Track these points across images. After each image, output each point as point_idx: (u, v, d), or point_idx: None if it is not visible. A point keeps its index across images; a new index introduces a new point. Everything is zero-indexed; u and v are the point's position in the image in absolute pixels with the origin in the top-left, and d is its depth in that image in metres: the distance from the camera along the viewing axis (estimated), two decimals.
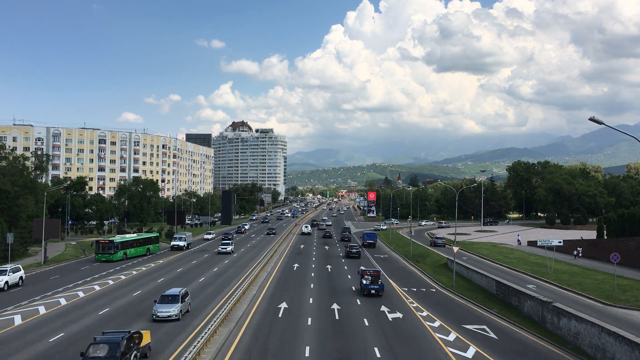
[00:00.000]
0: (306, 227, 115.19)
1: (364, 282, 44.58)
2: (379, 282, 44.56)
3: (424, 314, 37.09)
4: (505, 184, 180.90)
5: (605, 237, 71.85)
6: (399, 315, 35.92)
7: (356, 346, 28.04)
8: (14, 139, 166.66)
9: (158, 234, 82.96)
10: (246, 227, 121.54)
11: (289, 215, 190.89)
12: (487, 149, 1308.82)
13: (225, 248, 72.24)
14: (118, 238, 68.53)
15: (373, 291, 43.54)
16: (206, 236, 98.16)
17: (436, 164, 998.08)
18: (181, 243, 78.16)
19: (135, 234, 77.52)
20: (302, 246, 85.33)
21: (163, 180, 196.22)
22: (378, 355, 26.55)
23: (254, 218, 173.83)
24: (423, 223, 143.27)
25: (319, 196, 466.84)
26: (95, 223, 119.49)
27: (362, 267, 49.74)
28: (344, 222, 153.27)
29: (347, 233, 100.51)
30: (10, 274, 45.42)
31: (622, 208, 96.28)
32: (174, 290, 34.50)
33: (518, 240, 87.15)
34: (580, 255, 66.57)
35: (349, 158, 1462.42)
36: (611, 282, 44.77)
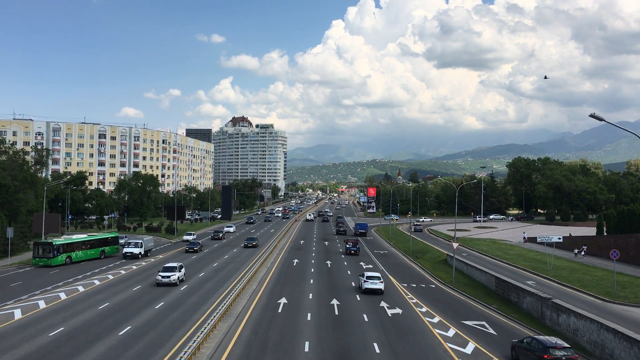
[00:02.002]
0: (310, 215, 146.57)
1: (347, 246, 70.32)
2: (357, 246, 70.30)
3: (424, 309, 37.16)
4: (505, 181, 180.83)
5: (605, 234, 71.92)
6: (398, 311, 35.99)
7: (355, 341, 28.10)
8: (14, 134, 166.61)
9: (117, 234, 72.36)
10: (230, 230, 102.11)
11: (280, 215, 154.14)
12: (487, 145, 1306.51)
13: (168, 277, 43.92)
14: (60, 239, 59.58)
15: (352, 251, 68.50)
16: (186, 237, 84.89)
17: (436, 160, 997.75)
18: (135, 250, 63.22)
19: (86, 235, 66.19)
20: (302, 242, 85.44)
21: (163, 176, 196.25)
22: (377, 350, 26.61)
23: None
24: (480, 219, 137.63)
25: (318, 192, 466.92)
26: (95, 218, 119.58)
27: (347, 238, 75.98)
28: (344, 216, 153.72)
29: (341, 219, 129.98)
30: None
31: (622, 205, 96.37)
32: None
33: (524, 237, 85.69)
34: (584, 254, 64.68)
35: (349, 154, 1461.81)
36: (610, 279, 44.84)
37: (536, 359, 24.14)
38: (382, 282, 42.81)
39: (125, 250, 64.13)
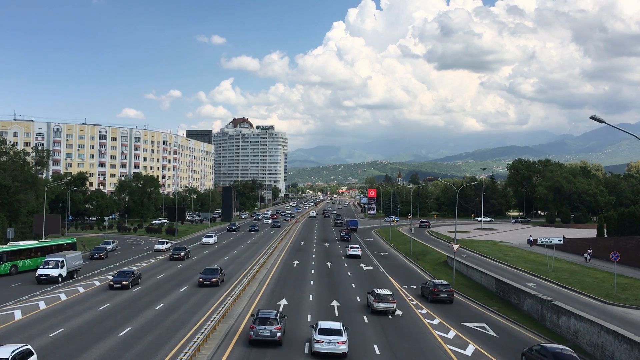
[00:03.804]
0: (313, 212, 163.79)
1: (341, 234, 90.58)
2: (349, 234, 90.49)
3: (424, 311, 37.13)
4: (505, 182, 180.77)
5: (606, 236, 71.82)
6: (398, 312, 35.95)
7: (356, 343, 28.05)
8: (15, 134, 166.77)
9: (75, 240, 63.98)
10: (210, 241, 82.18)
11: (269, 221, 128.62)
12: (488, 147, 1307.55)
13: None
14: (4, 247, 53.08)
15: (345, 238, 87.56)
16: (158, 246, 72.96)
17: (437, 162, 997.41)
18: (54, 272, 46.76)
19: (35, 241, 58.18)
20: (302, 243, 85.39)
21: (163, 177, 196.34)
22: (377, 352, 26.58)
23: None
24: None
25: (319, 193, 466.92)
26: (95, 219, 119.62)
27: (342, 229, 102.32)
28: (342, 215, 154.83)
29: (339, 216, 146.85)
30: None
31: (623, 207, 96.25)
32: None
33: (530, 240, 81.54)
34: (589, 258, 62.23)
35: (350, 155, 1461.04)
36: (611, 281, 44.80)
37: (430, 292, 41.55)
38: (360, 250, 69.02)
39: (40, 272, 47.09)
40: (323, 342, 25.55)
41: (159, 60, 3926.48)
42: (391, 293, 36.79)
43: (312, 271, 54.81)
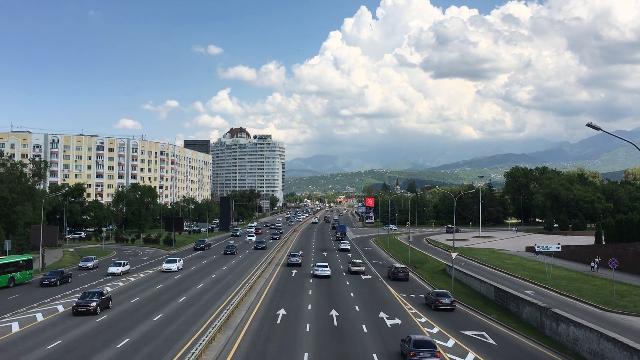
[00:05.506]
0: (315, 218, 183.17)
1: (337, 235, 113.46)
2: (343, 235, 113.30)
3: (423, 320, 37.05)
4: (503, 190, 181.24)
5: (604, 243, 71.91)
6: (397, 321, 35.87)
7: (355, 352, 27.98)
8: (12, 146, 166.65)
9: (30, 257, 56.04)
10: (172, 267, 60.86)
11: (253, 238, 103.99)
12: (485, 154, 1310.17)
13: None
14: None
15: (339, 238, 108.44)
16: (112, 269, 58.69)
17: (434, 170, 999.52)
18: None
19: None
20: (300, 252, 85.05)
21: (161, 187, 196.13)
22: None
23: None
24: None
25: (317, 202, 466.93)
26: (93, 230, 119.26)
27: (336, 231, 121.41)
28: (340, 223, 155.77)
29: (337, 222, 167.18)
30: None
31: (620, 214, 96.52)
32: None
33: (535, 250, 71.61)
34: (597, 267, 59.92)
35: (347, 164, 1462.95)
36: (609, 288, 44.81)
37: (392, 273, 57.43)
38: (349, 245, 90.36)
39: None
40: (318, 269, 55.87)
41: (155, 71, 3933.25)
42: (361, 261, 63.38)
43: (311, 280, 54.68)
